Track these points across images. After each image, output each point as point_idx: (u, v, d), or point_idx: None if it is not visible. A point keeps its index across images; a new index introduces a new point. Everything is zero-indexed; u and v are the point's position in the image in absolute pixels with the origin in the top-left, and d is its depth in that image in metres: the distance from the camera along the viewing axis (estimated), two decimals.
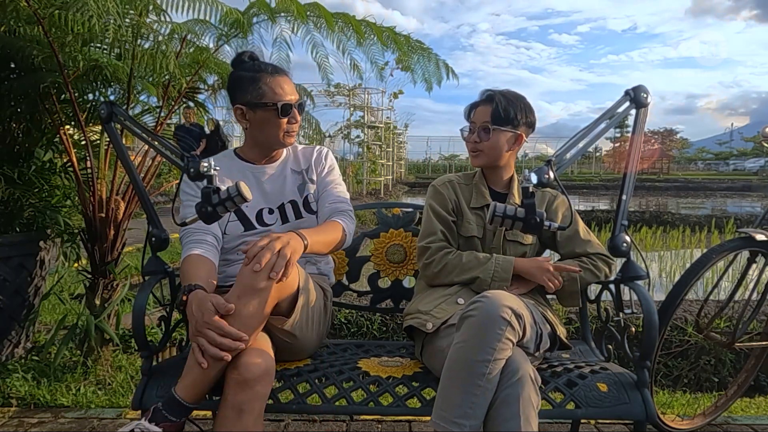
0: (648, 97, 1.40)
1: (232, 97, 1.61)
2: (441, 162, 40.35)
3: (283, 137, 1.61)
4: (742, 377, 2.02)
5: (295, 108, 1.59)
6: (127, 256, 3.51)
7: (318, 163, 1.73)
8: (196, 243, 1.50)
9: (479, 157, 1.67)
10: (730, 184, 23.84)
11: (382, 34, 2.47)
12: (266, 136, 1.61)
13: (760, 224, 1.93)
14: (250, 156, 1.68)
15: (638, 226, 7.22)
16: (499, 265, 1.57)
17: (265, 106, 1.56)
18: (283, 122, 1.58)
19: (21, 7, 2.06)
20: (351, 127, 15.22)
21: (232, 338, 1.21)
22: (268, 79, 1.57)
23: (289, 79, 1.62)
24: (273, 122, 1.58)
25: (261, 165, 1.68)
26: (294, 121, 1.61)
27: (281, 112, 1.56)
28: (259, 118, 1.58)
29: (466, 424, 1.19)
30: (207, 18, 2.31)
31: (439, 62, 2.63)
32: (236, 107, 1.60)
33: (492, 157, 1.66)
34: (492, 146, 1.64)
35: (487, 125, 1.62)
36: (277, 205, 1.65)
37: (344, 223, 1.61)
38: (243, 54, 1.64)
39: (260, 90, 1.56)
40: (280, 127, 1.59)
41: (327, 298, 1.60)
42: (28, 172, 2.47)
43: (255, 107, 1.57)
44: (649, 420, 1.30)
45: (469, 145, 1.68)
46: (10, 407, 2.11)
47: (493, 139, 1.63)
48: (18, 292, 2.38)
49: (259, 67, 1.59)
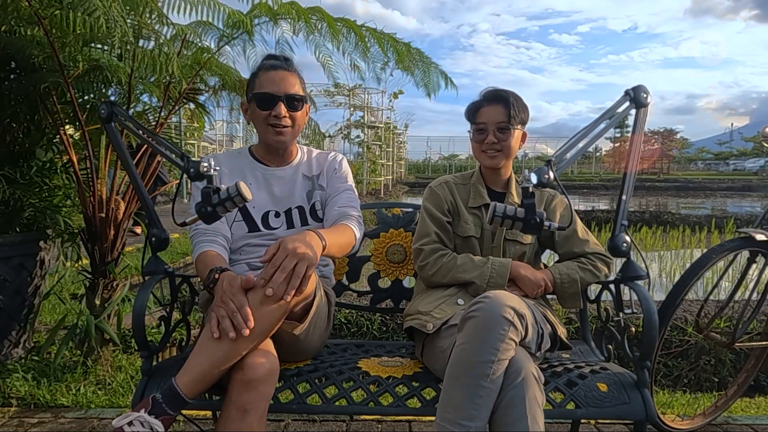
0: (648, 97, 1.40)
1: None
2: (441, 162, 40.36)
3: (268, 133, 1.58)
4: (742, 377, 2.02)
5: (282, 101, 1.54)
6: (127, 256, 3.51)
7: (330, 170, 1.71)
8: (210, 242, 1.51)
9: (497, 157, 1.66)
10: (730, 184, 23.84)
11: (383, 42, 2.48)
12: (258, 131, 1.62)
13: (760, 224, 1.93)
14: (261, 155, 1.68)
15: (638, 226, 7.22)
16: (495, 269, 1.56)
17: (251, 99, 1.58)
18: (262, 115, 1.56)
19: (22, 7, 2.06)
20: (351, 127, 15.23)
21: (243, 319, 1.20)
22: (262, 73, 1.58)
23: (289, 74, 1.58)
24: (257, 115, 1.58)
25: (273, 167, 1.67)
26: (278, 115, 1.55)
27: (259, 103, 1.55)
28: (251, 113, 1.61)
29: (471, 425, 1.19)
30: (210, 20, 2.31)
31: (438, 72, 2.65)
32: (242, 104, 1.65)
33: (509, 155, 1.67)
34: (509, 146, 1.64)
35: (505, 125, 1.62)
36: (284, 209, 1.64)
37: (353, 226, 1.58)
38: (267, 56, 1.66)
39: (253, 83, 1.58)
40: (261, 119, 1.57)
41: (330, 303, 1.60)
42: (28, 172, 2.47)
43: (249, 102, 1.60)
44: (649, 420, 1.30)
45: (484, 146, 1.65)
46: (10, 407, 2.11)
47: (510, 139, 1.63)
48: (18, 292, 2.38)
49: (264, 64, 1.61)
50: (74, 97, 2.21)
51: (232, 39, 2.48)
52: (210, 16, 2.27)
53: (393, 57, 2.51)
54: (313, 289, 1.37)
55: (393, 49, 2.51)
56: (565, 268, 1.61)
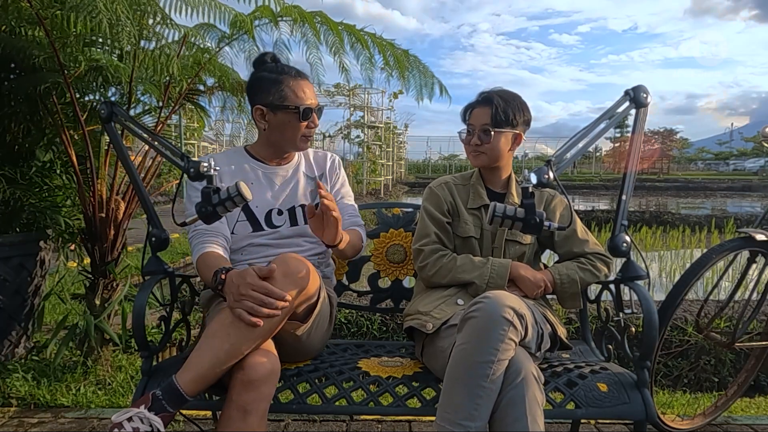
0: (648, 97, 1.40)
1: (251, 98, 1.62)
2: (441, 162, 40.36)
3: (299, 141, 1.63)
4: (742, 377, 2.02)
5: (314, 113, 1.61)
6: (127, 256, 3.51)
7: (332, 173, 1.76)
8: (210, 243, 1.50)
9: (480, 158, 1.67)
10: (730, 184, 23.84)
11: (384, 49, 2.49)
12: (284, 139, 1.62)
13: (760, 224, 1.93)
14: (261, 154, 1.69)
15: (638, 226, 7.21)
16: (495, 270, 1.56)
17: (287, 108, 1.57)
18: (302, 126, 1.60)
19: (23, 8, 2.06)
20: (351, 127, 15.23)
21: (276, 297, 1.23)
22: (291, 82, 1.58)
23: (310, 84, 1.64)
24: (292, 125, 1.59)
25: (273, 166, 1.68)
26: (313, 126, 1.62)
27: (302, 116, 1.58)
28: (279, 121, 1.59)
29: (471, 425, 1.19)
30: (213, 22, 2.31)
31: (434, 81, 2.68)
32: (256, 108, 1.60)
33: (493, 157, 1.66)
34: (493, 148, 1.63)
35: (487, 128, 1.62)
36: (288, 208, 1.65)
37: (363, 234, 1.72)
38: (265, 55, 1.65)
39: (282, 92, 1.57)
40: (299, 130, 1.60)
41: (332, 305, 1.61)
42: (28, 172, 2.47)
43: (276, 109, 1.58)
44: (649, 420, 1.30)
45: (469, 147, 1.68)
46: (10, 407, 2.11)
47: (494, 141, 1.63)
48: (18, 292, 2.38)
49: (282, 70, 1.60)
50: (74, 98, 2.21)
51: (233, 40, 2.48)
52: (214, 18, 2.27)
53: (393, 63, 2.53)
54: (317, 290, 1.37)
55: (393, 57, 2.53)
56: (565, 269, 1.61)
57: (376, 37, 2.49)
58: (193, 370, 1.22)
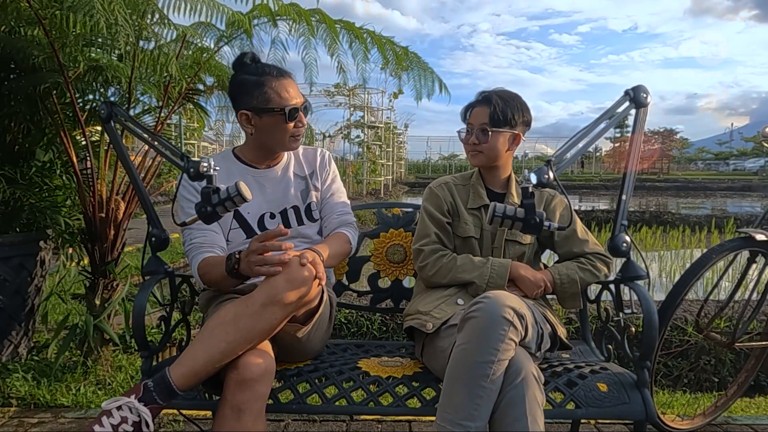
0: (648, 97, 1.40)
1: (235, 102, 1.56)
2: (441, 162, 40.37)
3: (289, 142, 1.59)
4: (742, 377, 2.02)
5: (301, 111, 1.56)
6: (127, 256, 3.51)
7: (323, 169, 1.72)
8: (207, 251, 1.50)
9: (478, 157, 1.67)
10: (730, 184, 23.84)
11: (383, 46, 2.49)
12: (272, 141, 1.58)
13: (760, 224, 1.93)
14: (249, 158, 1.64)
15: (638, 226, 7.21)
16: (495, 270, 1.56)
17: (272, 111, 1.51)
18: (290, 127, 1.55)
19: (22, 8, 2.06)
20: (351, 127, 15.24)
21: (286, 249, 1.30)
22: (274, 82, 1.52)
23: (294, 81, 1.58)
24: (280, 127, 1.54)
25: (262, 168, 1.65)
26: (301, 125, 1.58)
27: (288, 117, 1.53)
28: (266, 124, 1.54)
29: (471, 425, 1.19)
30: (211, 21, 2.31)
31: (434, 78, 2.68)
32: (241, 113, 1.55)
33: (491, 157, 1.66)
34: (491, 147, 1.63)
35: (486, 127, 1.62)
36: (279, 210, 1.63)
37: (350, 234, 1.67)
38: (244, 56, 1.58)
39: (266, 94, 1.51)
40: (287, 132, 1.56)
41: (332, 306, 1.60)
42: (28, 172, 2.47)
43: (261, 113, 1.53)
44: (649, 420, 1.30)
45: (467, 147, 1.68)
46: (10, 407, 2.11)
47: (491, 141, 1.63)
48: (18, 292, 2.38)
49: (263, 70, 1.54)
50: (74, 98, 2.21)
51: (231, 39, 2.48)
52: (211, 17, 2.26)
53: (393, 60, 2.52)
54: (318, 296, 1.37)
55: (393, 53, 2.53)
56: (565, 269, 1.61)
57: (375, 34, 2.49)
58: (186, 365, 1.22)
